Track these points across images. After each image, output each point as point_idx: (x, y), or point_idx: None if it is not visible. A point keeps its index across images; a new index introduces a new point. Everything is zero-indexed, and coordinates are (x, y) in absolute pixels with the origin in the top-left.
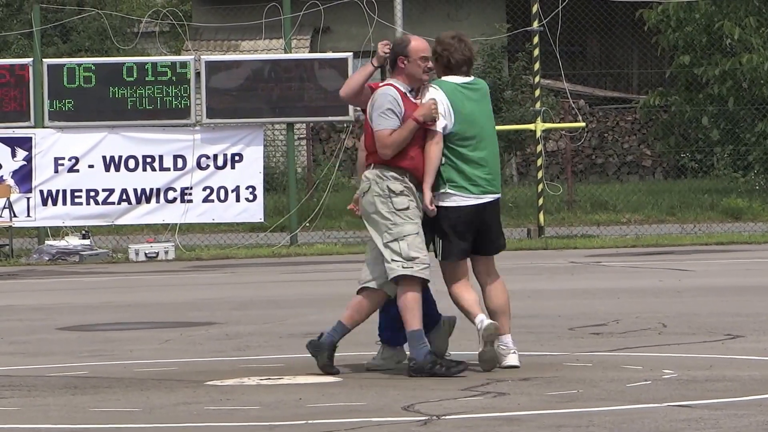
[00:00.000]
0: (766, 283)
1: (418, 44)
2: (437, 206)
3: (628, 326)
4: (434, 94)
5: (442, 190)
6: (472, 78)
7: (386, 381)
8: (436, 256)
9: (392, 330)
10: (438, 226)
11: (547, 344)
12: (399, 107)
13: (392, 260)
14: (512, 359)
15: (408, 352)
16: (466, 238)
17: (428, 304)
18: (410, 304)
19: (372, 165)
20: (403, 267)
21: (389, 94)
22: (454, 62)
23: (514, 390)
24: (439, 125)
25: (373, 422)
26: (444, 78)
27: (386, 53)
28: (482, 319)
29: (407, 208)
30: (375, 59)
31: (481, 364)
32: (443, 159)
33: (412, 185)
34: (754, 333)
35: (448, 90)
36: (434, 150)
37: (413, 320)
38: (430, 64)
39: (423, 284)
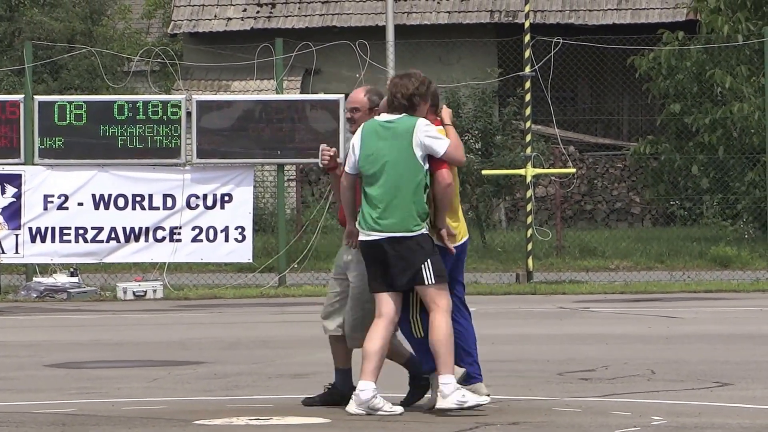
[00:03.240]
0: (754, 332)
1: (349, 96)
2: None
3: (617, 372)
4: (355, 134)
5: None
6: (395, 116)
7: (375, 423)
8: None
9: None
10: None
11: (536, 389)
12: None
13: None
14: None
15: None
16: (372, 272)
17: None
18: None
19: None
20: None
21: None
22: (388, 102)
23: None
24: (347, 165)
25: None
26: (377, 117)
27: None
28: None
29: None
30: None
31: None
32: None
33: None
34: (742, 381)
35: (365, 128)
36: (341, 188)
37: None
38: (348, 114)
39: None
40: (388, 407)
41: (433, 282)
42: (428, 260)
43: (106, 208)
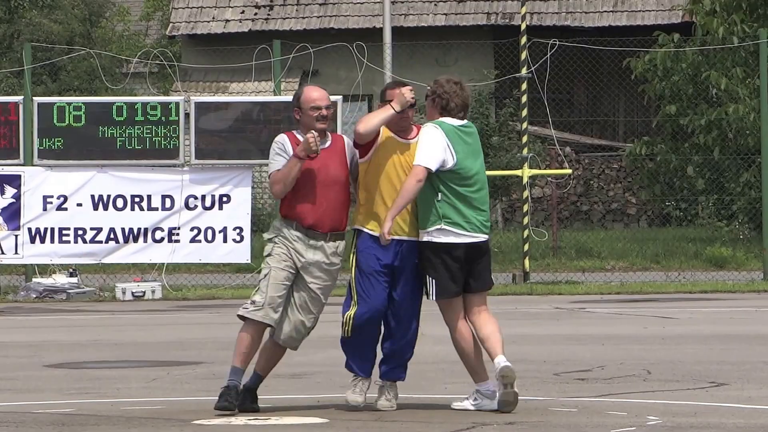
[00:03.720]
0: (750, 332)
1: (309, 94)
2: (429, 242)
3: (613, 372)
4: (433, 131)
5: (437, 227)
6: (466, 121)
7: (373, 423)
8: (428, 297)
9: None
10: (430, 264)
11: (532, 389)
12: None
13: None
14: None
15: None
16: (457, 275)
17: None
18: (239, 343)
19: None
20: (242, 307)
21: (278, 139)
22: (453, 106)
23: None
24: (433, 161)
25: None
26: (441, 119)
27: (411, 99)
28: (500, 361)
29: (269, 255)
30: (397, 104)
31: (500, 405)
32: (439, 195)
33: (291, 234)
34: (738, 381)
35: (446, 130)
36: (413, 186)
37: (236, 357)
38: (324, 111)
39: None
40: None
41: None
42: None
43: (105, 208)
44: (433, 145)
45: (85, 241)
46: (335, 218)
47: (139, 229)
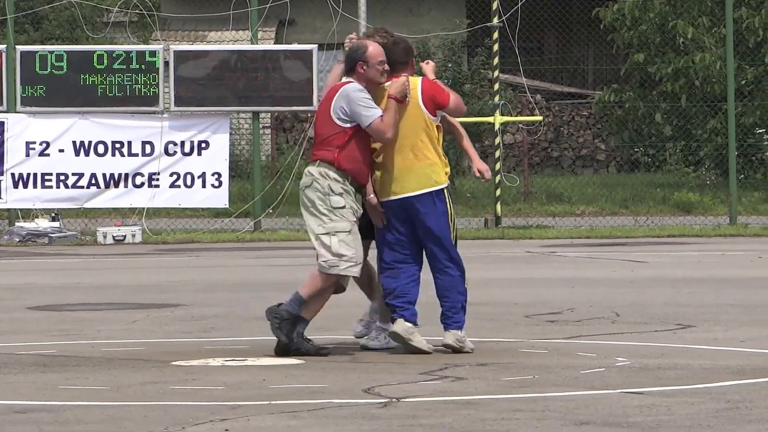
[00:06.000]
0: (716, 275)
1: (377, 49)
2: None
3: (583, 315)
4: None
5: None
6: None
7: (348, 364)
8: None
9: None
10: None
11: (503, 331)
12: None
13: (321, 252)
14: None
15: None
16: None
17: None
18: (318, 295)
19: (317, 161)
20: (329, 265)
21: (358, 87)
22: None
23: (472, 375)
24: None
25: (334, 404)
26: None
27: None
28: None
29: (343, 207)
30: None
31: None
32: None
33: (351, 188)
34: (704, 323)
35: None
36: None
37: (309, 311)
38: (387, 66)
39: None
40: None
41: None
42: None
43: (87, 154)
44: None
45: (67, 187)
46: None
47: (119, 174)
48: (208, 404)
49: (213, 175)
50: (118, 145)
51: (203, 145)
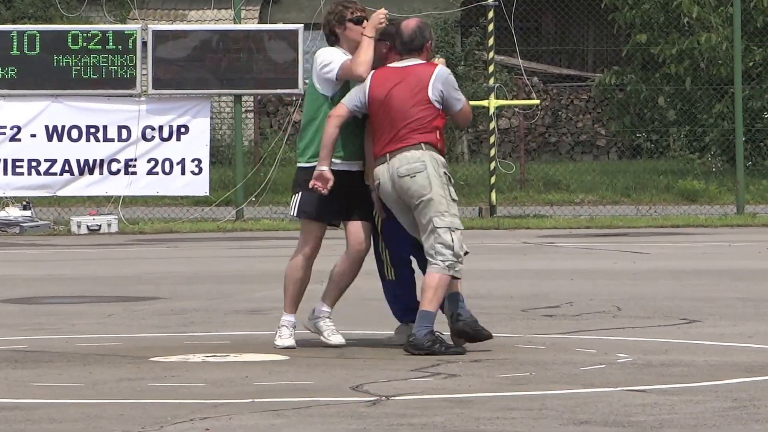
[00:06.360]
0: (722, 267)
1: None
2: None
3: (582, 309)
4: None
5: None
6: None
7: (334, 360)
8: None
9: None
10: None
11: (498, 325)
12: None
13: (439, 249)
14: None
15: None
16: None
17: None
18: (440, 287)
19: (422, 144)
20: (447, 265)
21: (448, 71)
22: None
23: (465, 371)
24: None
25: (321, 402)
26: None
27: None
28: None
29: (456, 201)
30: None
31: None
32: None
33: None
34: (710, 318)
35: None
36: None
37: (432, 302)
38: None
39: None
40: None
41: (294, 215)
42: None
43: (60, 139)
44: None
45: (39, 173)
46: None
47: (94, 160)
48: (188, 402)
49: (193, 161)
50: (93, 130)
51: (183, 129)
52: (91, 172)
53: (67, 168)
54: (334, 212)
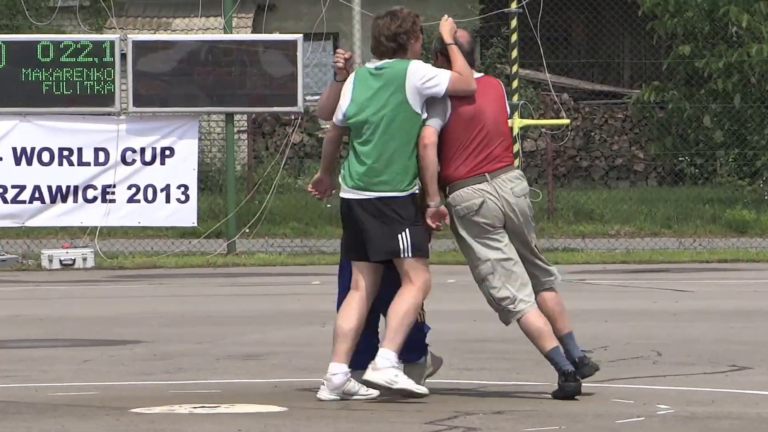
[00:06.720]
0: None
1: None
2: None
3: (618, 354)
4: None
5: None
6: (384, 61)
7: (337, 412)
8: None
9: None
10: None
11: (524, 372)
12: None
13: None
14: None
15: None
16: (348, 235)
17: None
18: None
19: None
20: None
21: None
22: (372, 46)
23: (486, 425)
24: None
25: None
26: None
27: (341, 66)
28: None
29: None
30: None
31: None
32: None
33: None
34: (762, 364)
35: (357, 75)
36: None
37: (548, 341)
38: None
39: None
40: (364, 391)
41: (410, 255)
42: (407, 229)
43: (29, 163)
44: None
45: (5, 201)
46: None
47: (68, 187)
48: None
49: (179, 188)
50: (66, 153)
51: (167, 152)
52: (64, 199)
53: (37, 195)
54: None
